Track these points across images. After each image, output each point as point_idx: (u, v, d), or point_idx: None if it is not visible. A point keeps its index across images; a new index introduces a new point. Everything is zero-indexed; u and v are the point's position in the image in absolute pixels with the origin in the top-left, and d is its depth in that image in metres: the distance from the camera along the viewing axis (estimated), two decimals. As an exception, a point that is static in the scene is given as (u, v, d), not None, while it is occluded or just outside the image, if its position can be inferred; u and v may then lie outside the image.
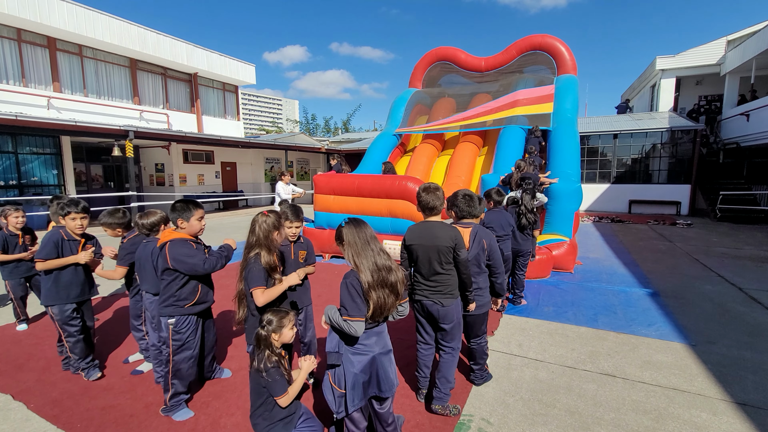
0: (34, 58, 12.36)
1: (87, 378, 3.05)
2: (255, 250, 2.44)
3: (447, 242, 2.53)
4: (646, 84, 20.97)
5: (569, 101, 8.70)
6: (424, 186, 2.67)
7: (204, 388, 2.96)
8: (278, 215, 2.54)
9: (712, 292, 5.25)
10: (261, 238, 2.44)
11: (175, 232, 2.62)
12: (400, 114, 10.61)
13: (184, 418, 2.59)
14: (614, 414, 2.66)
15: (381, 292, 1.99)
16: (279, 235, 2.51)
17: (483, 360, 3.00)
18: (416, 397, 2.84)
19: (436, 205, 2.62)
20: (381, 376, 2.05)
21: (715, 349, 3.58)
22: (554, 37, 10.05)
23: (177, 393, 2.63)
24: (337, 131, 35.73)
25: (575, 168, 7.02)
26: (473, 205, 2.90)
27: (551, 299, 4.97)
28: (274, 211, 2.55)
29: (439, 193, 2.64)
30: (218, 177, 17.43)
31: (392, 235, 6.54)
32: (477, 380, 3.02)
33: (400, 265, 2.65)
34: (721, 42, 16.50)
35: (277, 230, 2.50)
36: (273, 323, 2.17)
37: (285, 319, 2.21)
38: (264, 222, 2.46)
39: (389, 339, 2.17)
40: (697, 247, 8.17)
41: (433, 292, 2.61)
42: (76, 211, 3.08)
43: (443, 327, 2.65)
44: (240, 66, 18.98)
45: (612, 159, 15.47)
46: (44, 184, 11.93)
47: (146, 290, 2.97)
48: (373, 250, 2.03)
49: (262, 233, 2.44)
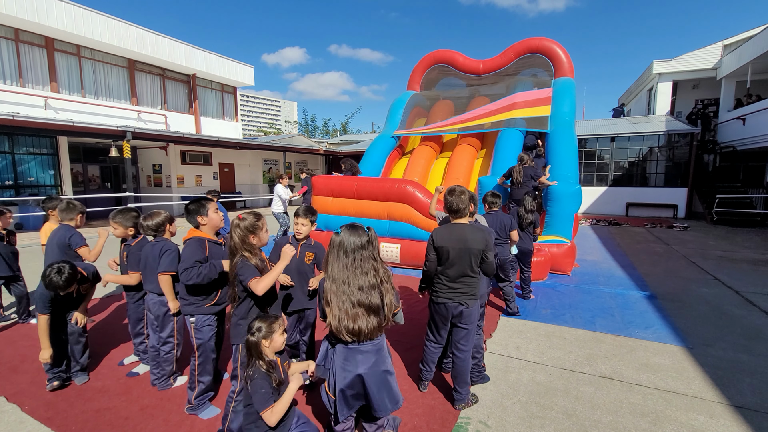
0: (31, 58, 12.31)
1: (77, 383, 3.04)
2: (237, 255, 2.34)
3: (479, 245, 2.60)
4: (644, 87, 21.08)
5: (567, 104, 8.74)
6: (450, 188, 2.74)
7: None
8: (257, 217, 2.40)
9: (708, 294, 5.27)
10: (238, 243, 2.34)
11: (195, 231, 2.67)
12: (399, 116, 10.62)
13: (210, 416, 2.61)
14: (612, 417, 2.65)
15: (356, 323, 1.93)
16: (257, 239, 2.39)
17: (480, 354, 3.06)
18: (418, 388, 2.93)
19: (461, 208, 2.68)
20: (372, 395, 1.98)
21: (712, 352, 3.59)
22: (551, 40, 10.09)
23: (203, 391, 2.66)
24: (336, 133, 35.74)
25: (574, 170, 7.04)
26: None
27: (549, 302, 4.97)
28: (253, 212, 2.43)
29: (464, 196, 2.69)
30: (216, 178, 17.39)
31: (390, 238, 6.53)
32: (474, 378, 3.00)
33: (426, 264, 2.74)
34: (717, 46, 16.62)
35: (254, 234, 2.37)
36: (262, 330, 2.03)
37: (275, 324, 2.08)
38: (238, 226, 2.34)
39: (387, 359, 2.07)
40: (694, 250, 8.20)
41: (458, 294, 2.66)
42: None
43: (464, 327, 2.69)
44: (238, 67, 18.97)
45: (609, 162, 15.52)
46: (41, 185, 11.87)
47: (150, 290, 2.95)
48: (350, 283, 1.95)
49: (238, 237, 2.33)
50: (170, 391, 2.93)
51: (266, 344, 2.03)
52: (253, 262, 2.33)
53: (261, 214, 2.45)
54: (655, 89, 18.70)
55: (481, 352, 3.07)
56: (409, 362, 3.34)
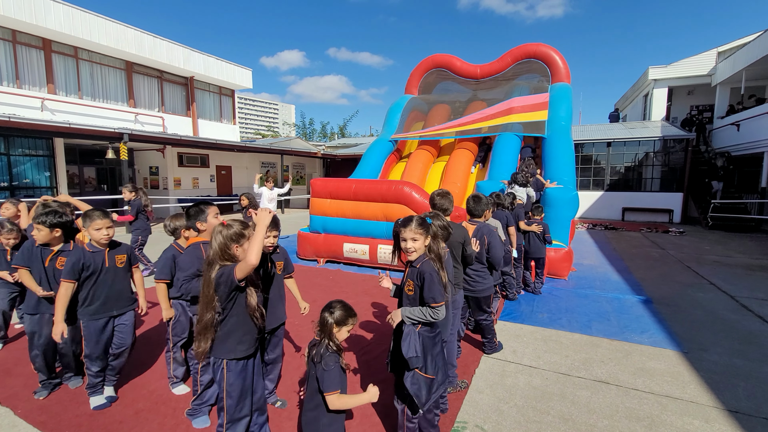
0: (28, 59, 12.27)
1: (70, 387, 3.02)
2: (215, 266, 2.03)
3: (458, 239, 2.96)
4: (639, 93, 21.28)
5: (563, 109, 8.81)
6: (438, 192, 3.09)
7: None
8: (243, 225, 2.12)
9: (704, 299, 5.30)
10: (218, 252, 2.04)
11: (196, 238, 2.67)
12: (396, 120, 10.66)
13: (203, 426, 2.57)
14: (608, 421, 2.66)
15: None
16: (241, 249, 2.08)
17: (491, 334, 3.61)
18: None
19: (448, 207, 3.04)
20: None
21: (707, 357, 3.61)
22: (548, 46, 10.18)
23: (204, 399, 2.63)
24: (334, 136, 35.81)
25: (571, 175, 7.09)
26: (479, 206, 3.51)
27: (545, 306, 4.99)
28: (237, 221, 2.17)
29: (450, 197, 3.08)
30: (213, 180, 17.35)
31: (388, 240, 6.53)
32: (488, 350, 3.64)
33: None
34: (712, 53, 16.83)
35: (237, 244, 2.07)
36: (339, 313, 1.99)
37: (351, 318, 2.03)
38: (219, 233, 2.05)
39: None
40: (689, 255, 8.25)
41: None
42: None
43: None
44: (237, 70, 18.99)
45: (605, 167, 15.63)
46: (36, 186, 11.80)
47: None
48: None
49: (218, 246, 2.04)
50: (165, 396, 2.91)
51: (336, 330, 2.00)
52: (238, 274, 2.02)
53: (249, 224, 2.14)
54: (650, 95, 18.88)
55: (493, 332, 3.64)
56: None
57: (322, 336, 2.00)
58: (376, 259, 6.63)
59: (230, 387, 2.08)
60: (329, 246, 7.08)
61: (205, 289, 2.03)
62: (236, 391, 2.09)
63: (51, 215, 2.84)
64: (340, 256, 7.02)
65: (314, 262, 7.37)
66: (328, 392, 1.89)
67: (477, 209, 3.49)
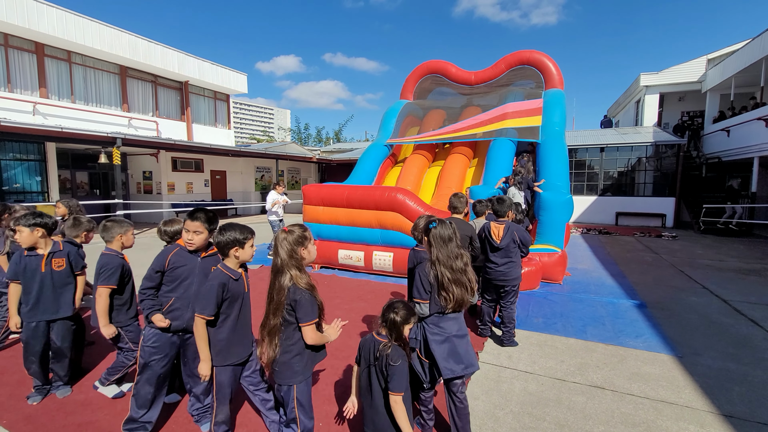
0: (21, 63, 12.18)
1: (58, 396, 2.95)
2: (285, 273, 2.10)
3: (467, 233, 3.63)
4: (631, 99, 21.55)
5: (557, 115, 8.88)
6: (455, 193, 3.99)
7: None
8: (303, 228, 2.20)
9: (697, 303, 5.33)
10: (286, 259, 2.10)
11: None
12: (392, 125, 10.69)
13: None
14: (603, 427, 2.65)
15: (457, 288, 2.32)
16: (307, 252, 2.19)
17: (512, 324, 3.87)
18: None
19: (457, 206, 3.91)
20: (462, 353, 2.34)
21: (702, 361, 3.61)
22: (542, 53, 10.30)
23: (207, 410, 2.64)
24: (329, 141, 35.81)
25: (565, 180, 7.13)
26: (503, 207, 3.96)
27: (540, 310, 4.98)
28: (298, 224, 2.24)
29: (463, 198, 3.90)
30: (207, 185, 17.26)
31: (382, 246, 6.50)
32: (506, 341, 3.85)
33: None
34: (701, 60, 17.11)
35: (303, 246, 2.16)
36: (405, 315, 2.17)
37: (413, 317, 2.23)
38: (285, 239, 2.12)
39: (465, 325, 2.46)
40: (682, 259, 8.31)
41: None
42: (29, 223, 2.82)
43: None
44: (232, 75, 18.97)
45: (599, 172, 15.76)
46: (27, 191, 11.66)
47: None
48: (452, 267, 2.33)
49: (286, 253, 2.10)
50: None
51: (405, 327, 2.18)
52: (303, 283, 2.11)
53: (306, 226, 2.26)
54: (642, 101, 19.13)
55: (513, 323, 3.88)
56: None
57: (391, 334, 2.16)
58: (371, 266, 6.59)
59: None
60: (324, 252, 7.04)
61: (275, 295, 2.12)
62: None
63: (30, 216, 2.83)
64: (334, 262, 6.98)
65: (308, 268, 7.31)
66: (395, 393, 2.04)
67: (501, 210, 3.93)
